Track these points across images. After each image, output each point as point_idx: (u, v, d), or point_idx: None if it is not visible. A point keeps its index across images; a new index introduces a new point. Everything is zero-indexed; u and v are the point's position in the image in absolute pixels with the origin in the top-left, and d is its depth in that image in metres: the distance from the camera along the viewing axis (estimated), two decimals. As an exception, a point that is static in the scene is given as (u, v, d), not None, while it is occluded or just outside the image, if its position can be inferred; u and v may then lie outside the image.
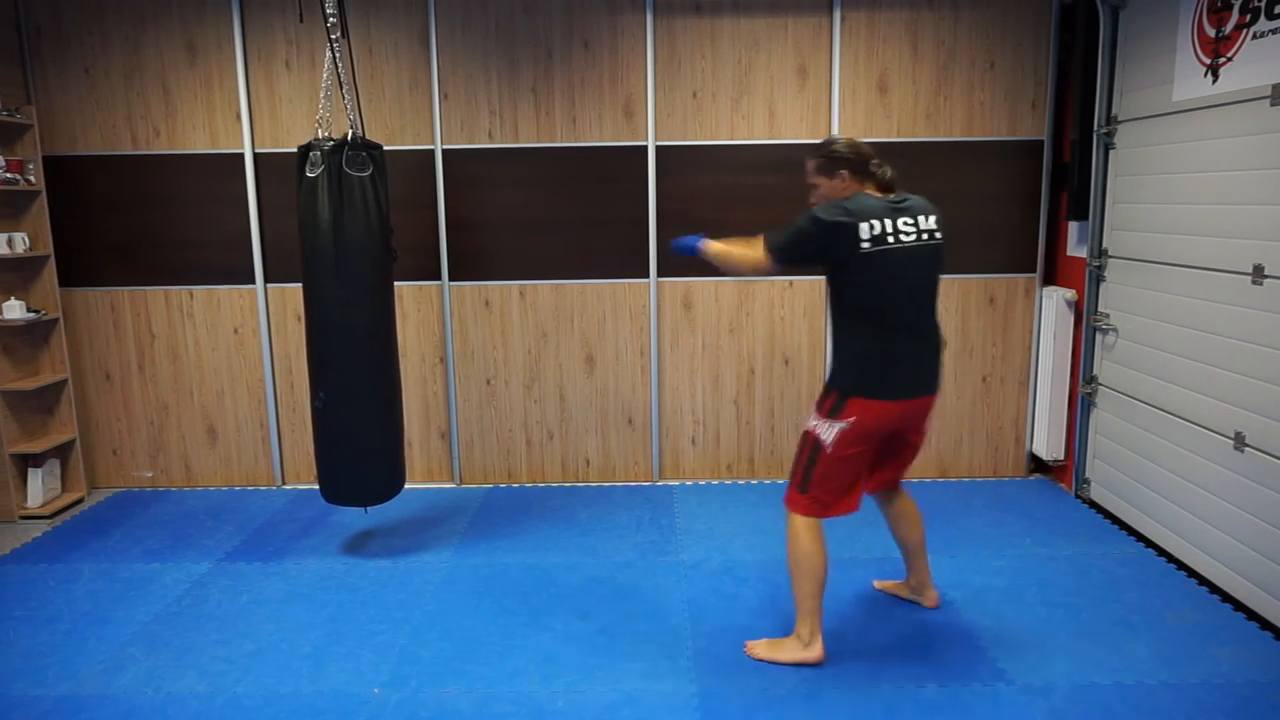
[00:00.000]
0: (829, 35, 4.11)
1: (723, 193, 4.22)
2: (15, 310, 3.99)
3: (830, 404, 2.66)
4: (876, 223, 2.52)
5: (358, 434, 3.41)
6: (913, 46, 4.12)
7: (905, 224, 2.57)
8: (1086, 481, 4.11)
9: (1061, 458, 4.26)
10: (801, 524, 2.72)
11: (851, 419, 2.62)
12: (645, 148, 4.18)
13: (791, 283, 4.32)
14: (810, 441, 2.69)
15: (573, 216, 4.25)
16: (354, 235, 3.28)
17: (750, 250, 2.69)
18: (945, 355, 4.38)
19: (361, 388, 3.37)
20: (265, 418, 4.43)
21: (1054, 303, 4.16)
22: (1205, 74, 3.24)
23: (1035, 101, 4.16)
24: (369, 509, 3.79)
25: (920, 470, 4.47)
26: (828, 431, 2.65)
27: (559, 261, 4.29)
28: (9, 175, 3.92)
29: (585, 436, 4.46)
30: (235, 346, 4.37)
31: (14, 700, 2.64)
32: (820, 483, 2.69)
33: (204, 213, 4.24)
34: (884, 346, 2.63)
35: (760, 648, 2.82)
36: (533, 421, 4.43)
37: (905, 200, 2.63)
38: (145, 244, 4.27)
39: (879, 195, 2.63)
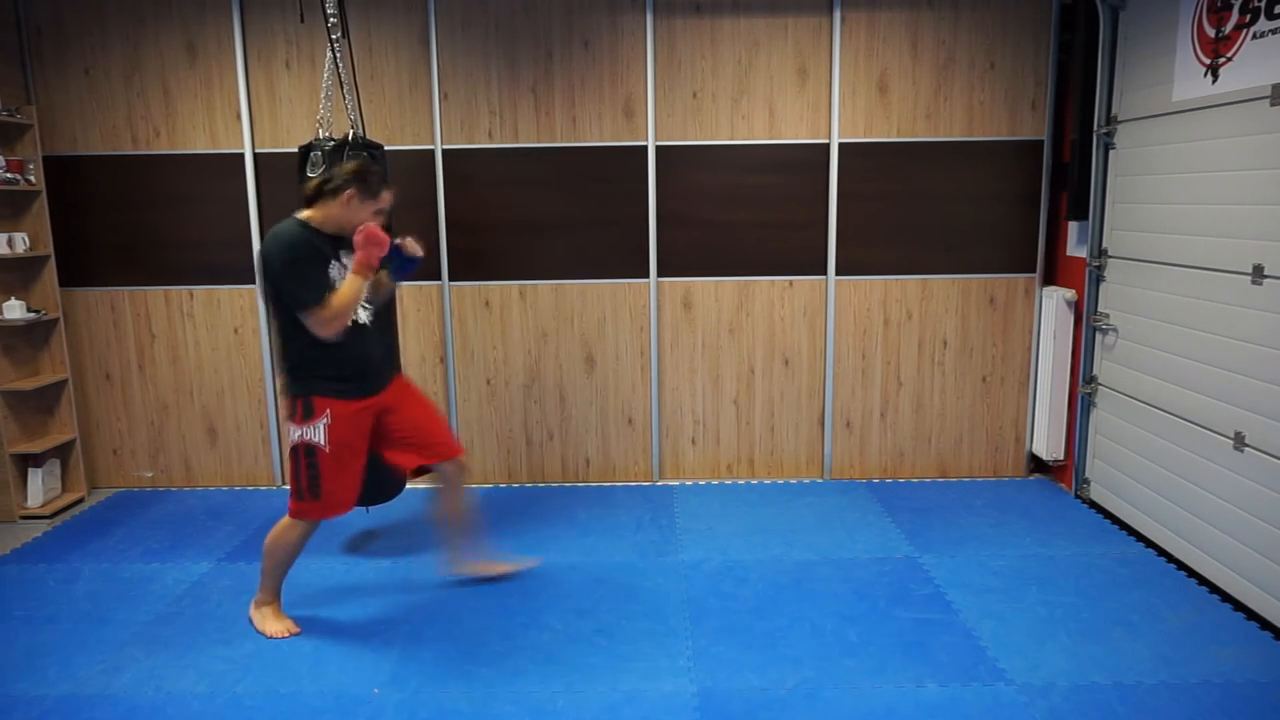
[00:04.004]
0: (829, 35, 4.11)
1: (723, 193, 4.22)
2: (15, 310, 3.99)
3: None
4: None
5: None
6: (913, 47, 4.12)
7: None
8: (1086, 481, 4.11)
9: (1061, 458, 4.26)
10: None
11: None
12: (645, 148, 4.18)
13: (791, 283, 4.32)
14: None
15: (573, 216, 4.25)
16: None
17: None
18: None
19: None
20: (265, 418, 4.43)
21: (1054, 303, 4.16)
22: (1205, 74, 3.24)
23: (1035, 101, 4.16)
24: (370, 509, 3.79)
25: (920, 470, 4.48)
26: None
27: (559, 261, 4.29)
28: (9, 175, 3.92)
29: (585, 436, 4.46)
30: (235, 346, 4.37)
31: (14, 700, 2.64)
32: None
33: (204, 213, 4.24)
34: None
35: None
36: (533, 421, 4.43)
37: None
38: (145, 244, 4.27)
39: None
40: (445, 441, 3.15)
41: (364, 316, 2.91)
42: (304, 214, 2.81)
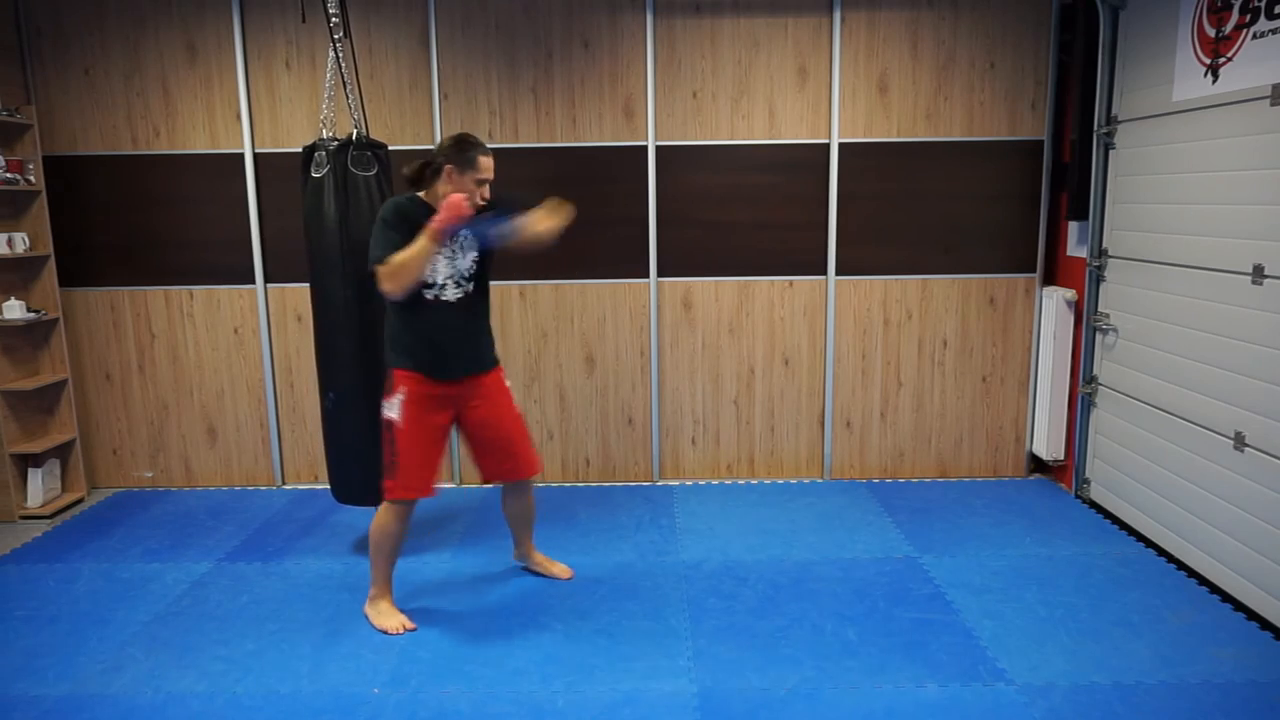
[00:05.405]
0: (829, 35, 4.11)
1: (723, 193, 4.22)
2: (15, 310, 3.99)
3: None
4: None
5: (367, 433, 3.40)
6: (913, 47, 4.12)
7: None
8: (1086, 481, 4.11)
9: (1061, 458, 4.26)
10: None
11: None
12: (645, 148, 4.18)
13: (791, 283, 4.32)
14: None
15: (573, 216, 4.23)
16: (360, 235, 3.27)
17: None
18: (939, 354, 4.39)
19: (369, 387, 3.37)
20: (265, 418, 4.43)
21: (1054, 303, 4.16)
22: (1205, 74, 3.24)
23: (1035, 101, 4.16)
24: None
25: (920, 470, 4.48)
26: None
27: (559, 261, 4.28)
28: (9, 175, 3.93)
29: (585, 436, 4.46)
30: (235, 346, 4.37)
31: (14, 700, 2.64)
32: None
33: (204, 213, 4.24)
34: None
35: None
36: (533, 421, 4.43)
37: None
38: (145, 244, 4.27)
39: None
40: (522, 457, 3.13)
41: (451, 295, 2.89)
42: (421, 192, 2.90)
